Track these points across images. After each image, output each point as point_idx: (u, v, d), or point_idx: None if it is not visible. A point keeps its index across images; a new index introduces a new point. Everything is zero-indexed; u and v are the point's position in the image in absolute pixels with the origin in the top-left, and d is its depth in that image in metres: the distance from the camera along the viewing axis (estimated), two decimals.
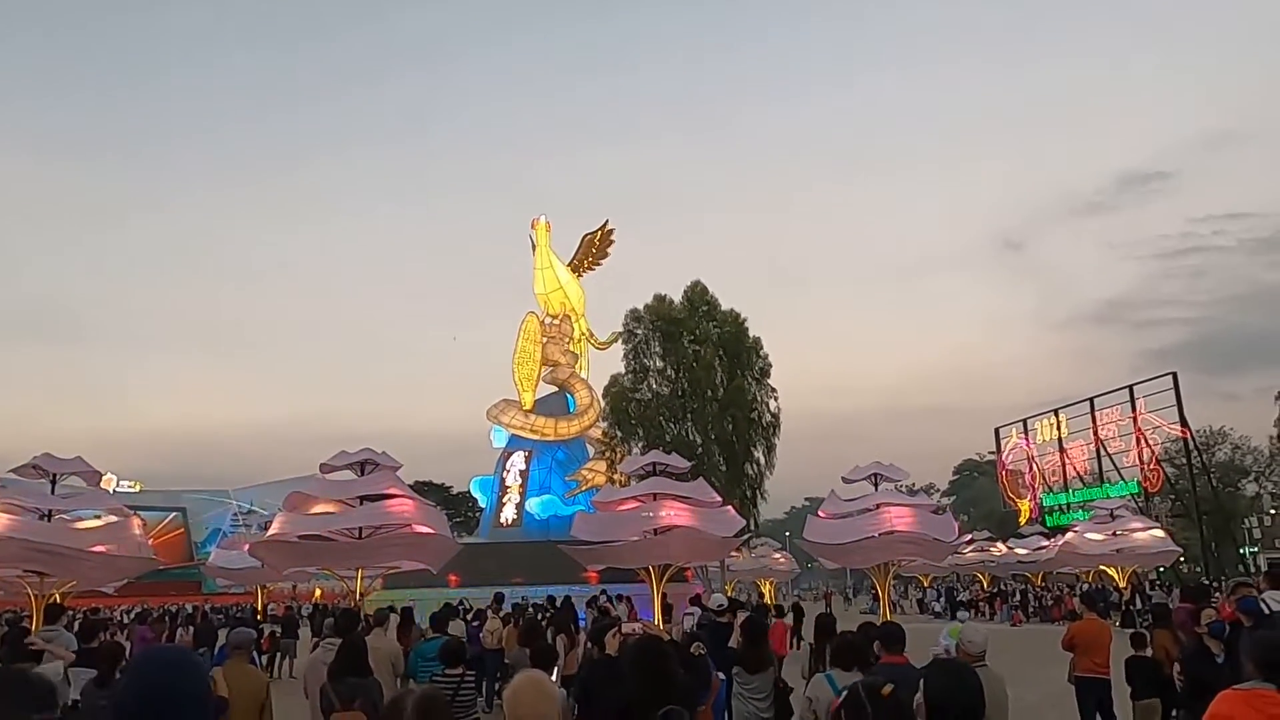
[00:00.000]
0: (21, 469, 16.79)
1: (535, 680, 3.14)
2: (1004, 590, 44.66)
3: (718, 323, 38.19)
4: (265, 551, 18.83)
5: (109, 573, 17.59)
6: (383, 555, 18.02)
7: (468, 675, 7.66)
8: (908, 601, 51.94)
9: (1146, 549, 32.00)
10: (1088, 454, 55.93)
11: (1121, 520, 33.03)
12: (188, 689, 2.21)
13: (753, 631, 7.49)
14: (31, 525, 15.59)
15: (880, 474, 19.81)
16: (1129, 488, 50.98)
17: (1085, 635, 9.60)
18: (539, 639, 9.23)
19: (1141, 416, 51.48)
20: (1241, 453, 61.16)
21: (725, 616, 11.14)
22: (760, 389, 38.06)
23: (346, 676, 6.34)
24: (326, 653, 7.52)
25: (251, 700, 6.32)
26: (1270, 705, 3.31)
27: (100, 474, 18.93)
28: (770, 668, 7.26)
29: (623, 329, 39.08)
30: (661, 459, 20.56)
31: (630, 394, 37.08)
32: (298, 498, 18.91)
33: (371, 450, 18.95)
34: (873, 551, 18.98)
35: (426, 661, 9.00)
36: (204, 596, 54.14)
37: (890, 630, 6.56)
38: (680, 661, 6.13)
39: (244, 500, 76.60)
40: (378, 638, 9.15)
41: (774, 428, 37.93)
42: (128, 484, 72.27)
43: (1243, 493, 61.43)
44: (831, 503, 20.26)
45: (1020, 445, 61.93)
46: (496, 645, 14.26)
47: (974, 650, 6.21)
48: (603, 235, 40.45)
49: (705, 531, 18.57)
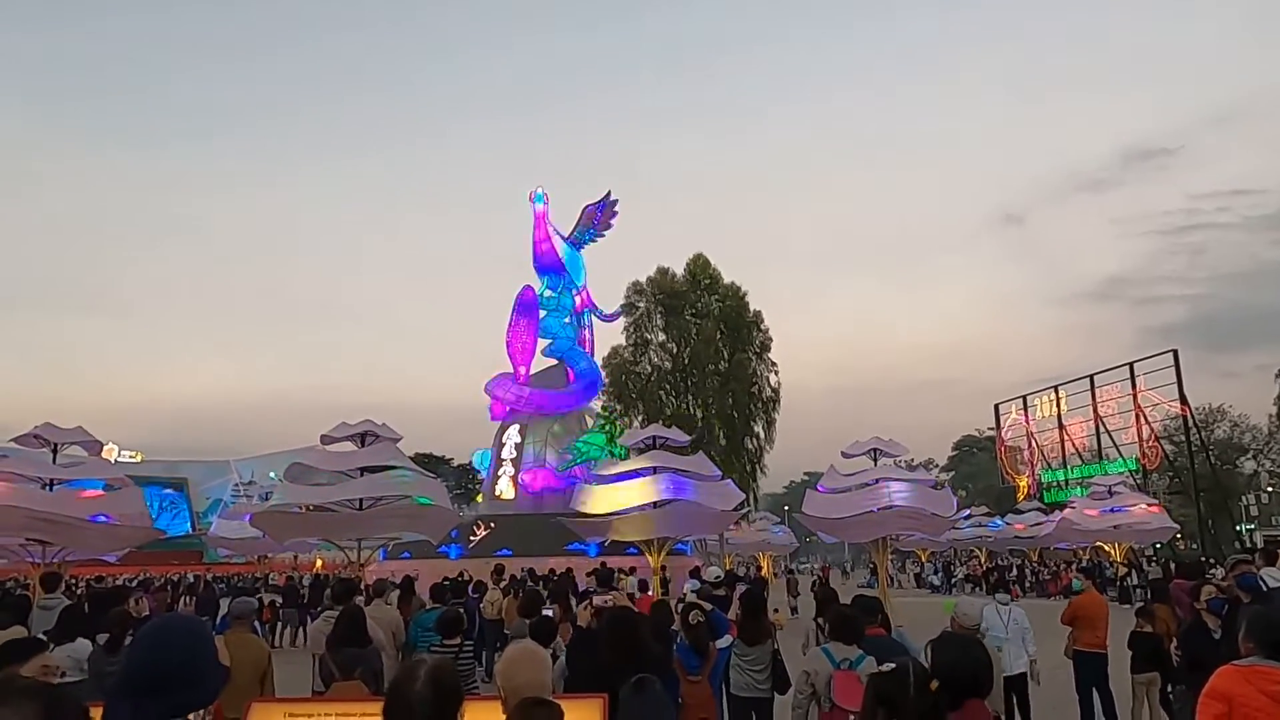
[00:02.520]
0: (23, 438, 16.82)
1: (529, 650, 3.14)
2: (1001, 565, 44.87)
3: (719, 296, 38.13)
4: (267, 522, 18.92)
5: (111, 542, 17.65)
6: (383, 526, 18.10)
7: (465, 646, 7.70)
8: (905, 576, 52.24)
9: (1144, 525, 32.09)
10: (1087, 431, 56.03)
11: (1119, 496, 33.09)
12: (198, 659, 2.24)
13: (750, 604, 7.51)
14: (33, 494, 15.65)
15: (879, 449, 19.84)
16: (1128, 464, 51.14)
17: (1086, 610, 9.65)
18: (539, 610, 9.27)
19: (1141, 394, 51.51)
20: (1240, 430, 61.35)
21: (722, 589, 11.20)
22: (761, 364, 38.17)
23: (346, 646, 6.36)
24: (327, 623, 7.55)
25: (253, 669, 6.36)
26: (1269, 681, 3.32)
27: (101, 444, 18.94)
28: (768, 639, 7.29)
29: (624, 301, 38.98)
30: (662, 433, 20.59)
31: (631, 367, 37.08)
32: (299, 468, 18.97)
33: (372, 422, 18.96)
34: (871, 526, 19.05)
35: (425, 632, 9.05)
36: (205, 566, 54.48)
37: (865, 603, 6.62)
38: (653, 632, 6.18)
39: (245, 471, 76.92)
40: (378, 608, 9.19)
41: (774, 402, 38.09)
42: (129, 454, 72.48)
43: (1240, 470, 61.65)
44: (831, 477, 20.29)
45: (1020, 421, 62.03)
46: (496, 616, 14.33)
47: (968, 624, 6.24)
48: (606, 207, 40.22)
49: (705, 504, 18.63)
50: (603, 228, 40.28)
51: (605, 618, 5.79)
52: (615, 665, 4.42)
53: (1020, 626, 8.74)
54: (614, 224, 40.39)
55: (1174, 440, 52.38)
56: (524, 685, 2.97)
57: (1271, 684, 3.30)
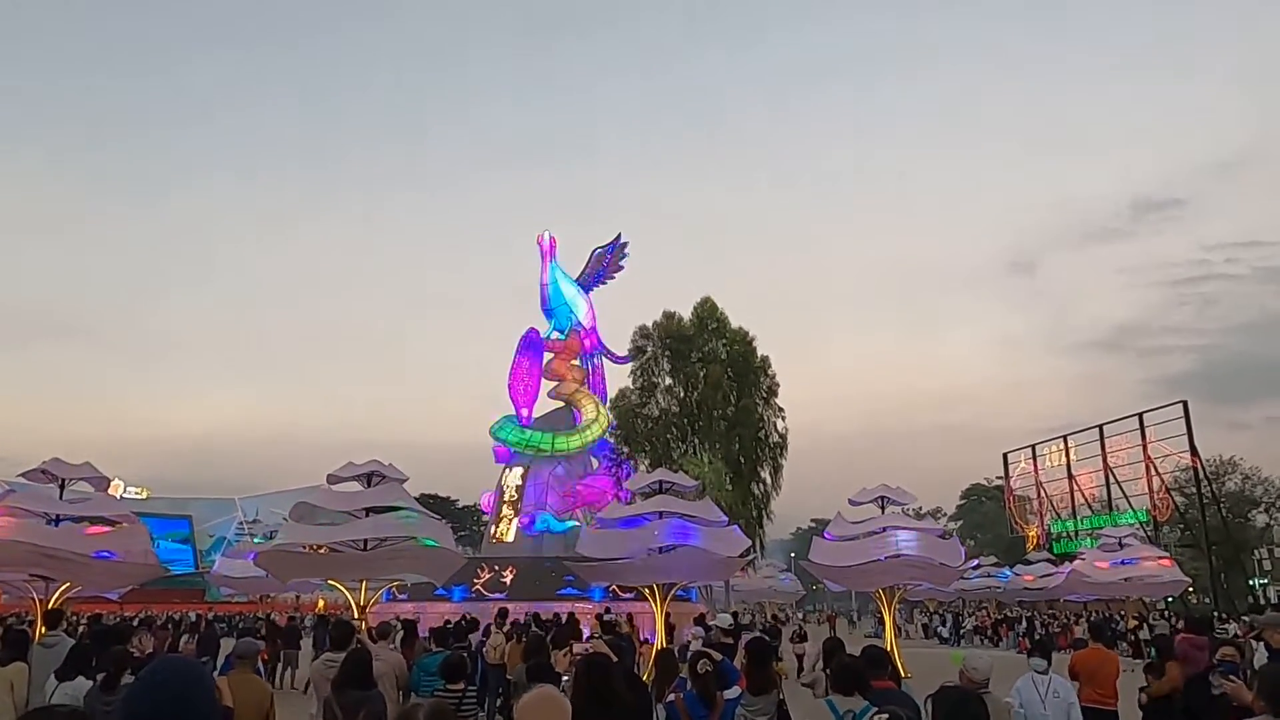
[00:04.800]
0: (30, 473, 16.86)
1: (547, 694, 3.15)
2: (1010, 617, 44.31)
3: (727, 340, 38.21)
4: (271, 561, 18.85)
5: (114, 579, 17.59)
6: (388, 567, 18.02)
7: (469, 690, 7.65)
8: (913, 626, 51.58)
9: (1155, 578, 31.73)
10: (1096, 481, 55.62)
11: (1130, 549, 32.76)
12: (196, 701, 2.24)
13: (757, 653, 7.46)
14: (38, 529, 15.64)
15: (887, 497, 19.72)
16: (1138, 516, 50.66)
17: (1087, 665, 9.48)
18: (543, 656, 9.21)
19: (1151, 444, 51.19)
20: (1252, 483, 60.74)
21: (729, 638, 11.12)
22: (768, 409, 38.08)
23: (351, 688, 6.33)
24: (328, 667, 7.51)
25: (255, 710, 6.33)
26: None
27: (108, 480, 18.96)
28: (774, 689, 7.22)
29: (631, 345, 39.10)
30: (668, 477, 20.52)
31: (638, 410, 37.06)
32: (304, 507, 18.93)
33: (379, 462, 18.96)
34: (878, 575, 18.88)
35: (428, 676, 8.98)
36: (208, 604, 54.15)
37: (873, 654, 6.55)
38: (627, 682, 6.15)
39: (250, 509, 76.78)
40: (381, 650, 9.14)
41: (781, 448, 37.90)
42: (134, 490, 72.46)
43: (1252, 523, 60.92)
44: (838, 525, 20.15)
45: (1028, 471, 61.64)
46: (499, 661, 14.21)
47: (978, 677, 6.18)
48: (616, 250, 40.46)
49: (710, 550, 18.50)
50: (613, 269, 40.47)
51: (579, 664, 5.79)
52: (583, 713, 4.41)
53: (1064, 702, 7.09)
54: (624, 265, 40.61)
55: (1185, 492, 51.90)
56: None
57: None
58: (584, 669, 5.21)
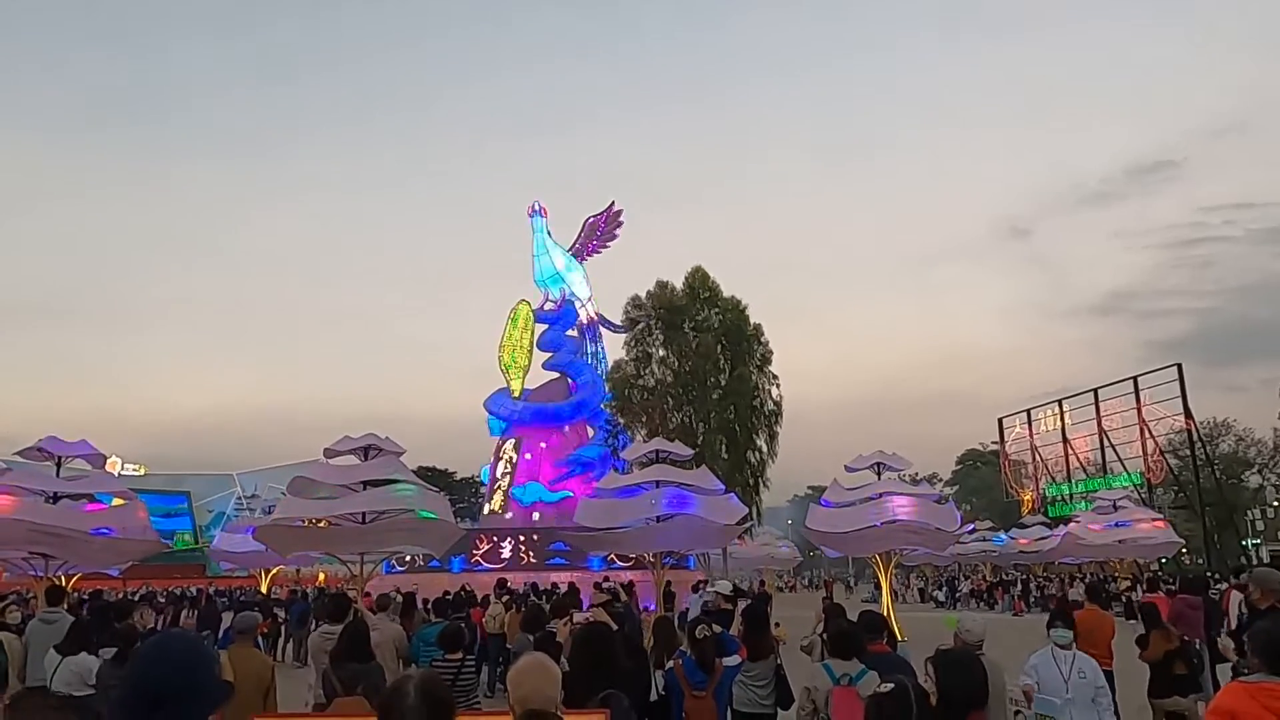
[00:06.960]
0: (27, 451, 16.84)
1: (538, 661, 3.15)
2: (1005, 580, 44.76)
3: (719, 309, 38.14)
4: (269, 535, 18.87)
5: (114, 556, 17.64)
6: (386, 540, 18.05)
7: (467, 660, 7.70)
8: (909, 591, 52.10)
9: (1149, 540, 31.98)
10: (1091, 445, 55.95)
11: (1124, 511, 33.00)
12: (197, 675, 2.26)
13: (753, 619, 7.51)
14: (37, 507, 15.65)
15: (883, 463, 19.78)
16: (1132, 479, 51.02)
17: (1084, 625, 9.55)
18: (542, 625, 9.27)
19: (1145, 408, 51.46)
20: (1245, 445, 61.19)
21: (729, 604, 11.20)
22: (762, 377, 38.07)
23: (348, 662, 6.36)
24: (324, 638, 7.54)
25: (256, 684, 6.36)
26: (1274, 698, 3.30)
27: (105, 457, 18.97)
28: (771, 655, 7.28)
29: (624, 316, 39.06)
30: (664, 446, 20.55)
31: (633, 381, 37.09)
32: (301, 482, 18.93)
33: (375, 435, 18.93)
34: (875, 541, 18.96)
35: (428, 646, 9.05)
36: (208, 579, 54.41)
37: (870, 620, 6.59)
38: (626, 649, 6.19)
39: (248, 484, 76.99)
40: (381, 621, 9.20)
41: (776, 416, 37.96)
42: (132, 467, 72.56)
43: (1246, 485, 61.42)
44: (834, 491, 20.22)
45: (1023, 435, 61.95)
46: (499, 630, 14.31)
47: (971, 639, 6.23)
48: (609, 218, 40.34)
49: (708, 518, 18.57)
50: (606, 238, 40.36)
51: (578, 632, 5.82)
52: (580, 680, 4.44)
53: (1091, 685, 6.05)
54: (619, 234, 40.50)
55: (1179, 454, 52.24)
56: (529, 694, 2.99)
57: (1276, 700, 3.29)
58: (581, 637, 5.23)
